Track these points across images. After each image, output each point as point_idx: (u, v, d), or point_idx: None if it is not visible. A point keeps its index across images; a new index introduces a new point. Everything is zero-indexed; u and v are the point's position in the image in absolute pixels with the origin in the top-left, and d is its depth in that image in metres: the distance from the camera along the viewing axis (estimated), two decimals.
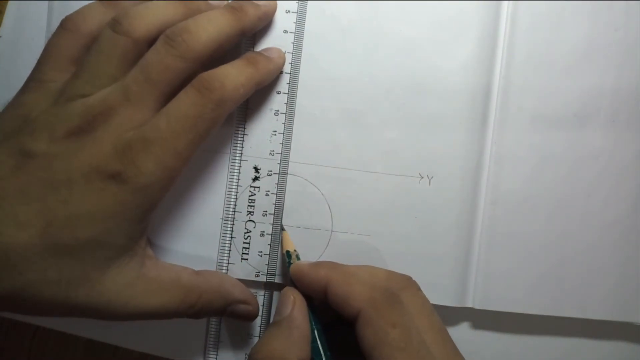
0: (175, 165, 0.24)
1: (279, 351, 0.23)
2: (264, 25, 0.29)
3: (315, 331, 0.25)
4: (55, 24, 0.26)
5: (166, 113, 0.24)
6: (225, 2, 0.28)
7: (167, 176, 0.24)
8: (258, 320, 0.29)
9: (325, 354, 0.25)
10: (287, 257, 0.28)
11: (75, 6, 0.27)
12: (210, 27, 0.25)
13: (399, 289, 0.25)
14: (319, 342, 0.25)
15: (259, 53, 0.28)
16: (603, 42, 0.30)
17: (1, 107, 0.26)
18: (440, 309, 0.28)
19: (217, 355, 0.30)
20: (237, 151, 0.29)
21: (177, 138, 0.23)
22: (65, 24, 0.26)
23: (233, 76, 0.25)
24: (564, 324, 0.31)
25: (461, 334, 0.31)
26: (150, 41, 0.25)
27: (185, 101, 0.24)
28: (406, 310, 0.24)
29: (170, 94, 0.24)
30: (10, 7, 0.30)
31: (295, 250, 0.28)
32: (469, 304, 0.30)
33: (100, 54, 0.24)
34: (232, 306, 0.27)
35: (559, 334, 0.31)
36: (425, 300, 0.25)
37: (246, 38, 0.29)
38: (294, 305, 0.25)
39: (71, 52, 0.25)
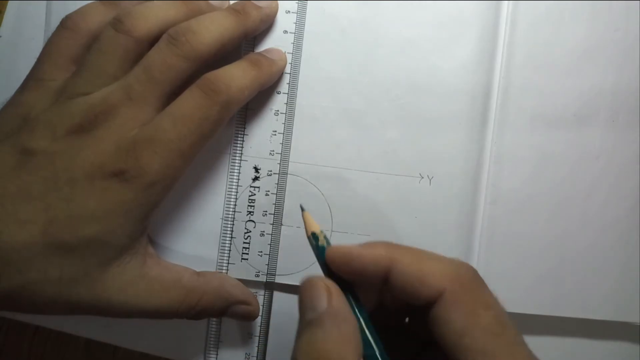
0: (179, 166, 0.24)
1: (335, 353, 0.19)
2: (266, 27, 0.29)
3: (362, 320, 0.20)
4: (54, 23, 0.26)
5: (171, 113, 0.24)
6: (227, 2, 0.28)
7: (171, 176, 0.24)
8: (258, 320, 0.29)
9: (377, 346, 0.20)
10: (314, 240, 0.22)
11: (74, 6, 0.27)
12: (214, 27, 0.25)
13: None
14: (367, 332, 0.20)
15: (262, 55, 0.28)
16: (603, 42, 0.30)
17: (1, 106, 0.26)
18: None
19: (217, 355, 0.30)
20: (237, 151, 0.29)
21: (183, 139, 0.23)
22: (66, 23, 0.26)
23: (238, 78, 0.25)
24: (564, 324, 0.31)
25: None
26: (152, 41, 0.25)
27: (191, 102, 0.24)
28: (496, 297, 0.20)
29: (172, 94, 0.25)
30: (10, 7, 0.30)
31: (322, 232, 0.23)
32: None
33: (101, 53, 0.24)
34: (233, 307, 0.27)
35: (559, 334, 0.31)
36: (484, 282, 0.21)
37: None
38: (331, 295, 0.20)
39: (71, 51, 0.26)
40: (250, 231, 0.29)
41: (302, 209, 0.23)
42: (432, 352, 0.21)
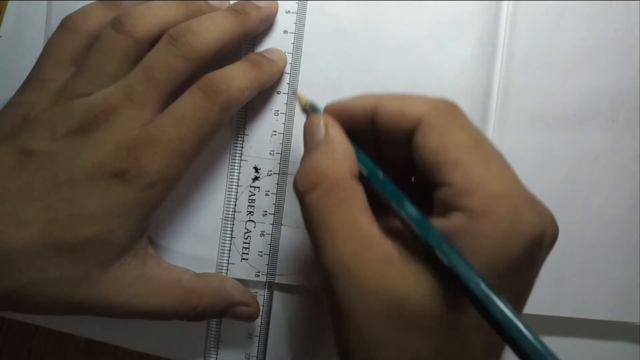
0: (180, 166, 0.24)
1: (326, 168, 0.21)
2: (266, 27, 0.29)
3: (355, 147, 0.22)
4: (54, 23, 0.26)
5: (172, 114, 0.24)
6: (226, 2, 0.28)
7: (172, 176, 0.24)
8: (258, 320, 0.29)
9: (372, 165, 0.22)
10: (311, 108, 0.25)
11: (74, 6, 0.27)
12: (214, 28, 0.25)
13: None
14: (364, 154, 0.22)
15: (262, 55, 0.28)
16: (603, 42, 0.30)
17: (1, 107, 0.26)
18: None
19: (217, 355, 0.30)
20: (237, 151, 0.29)
21: (183, 139, 0.23)
22: (66, 23, 0.26)
23: (238, 79, 0.25)
24: (564, 324, 0.31)
25: None
26: (152, 41, 0.25)
27: (191, 103, 0.24)
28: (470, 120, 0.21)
29: (172, 94, 0.24)
30: (10, 7, 0.30)
31: (313, 102, 0.25)
32: None
33: (101, 53, 0.24)
34: (233, 308, 0.27)
35: (559, 334, 0.31)
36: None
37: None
38: (327, 126, 0.22)
39: (72, 52, 0.26)
40: (250, 231, 0.29)
41: (298, 94, 0.27)
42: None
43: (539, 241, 0.19)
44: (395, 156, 0.24)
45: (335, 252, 0.20)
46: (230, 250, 0.29)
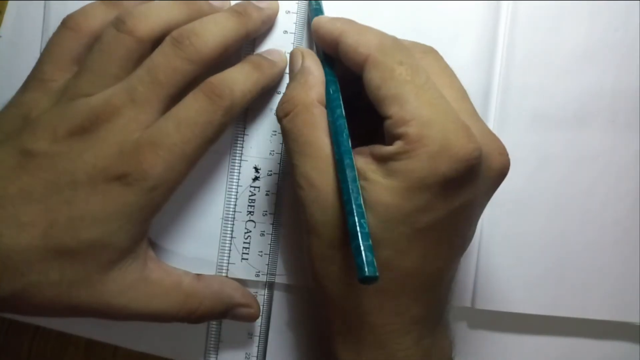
0: (183, 169, 0.24)
1: (298, 96, 0.24)
2: (267, 28, 0.29)
3: (327, 71, 0.25)
4: (52, 23, 0.26)
5: (175, 117, 0.24)
6: (228, 2, 0.28)
7: (174, 180, 0.24)
8: (258, 320, 0.29)
9: (336, 96, 0.24)
10: (311, 6, 0.28)
11: (74, 6, 0.27)
12: (217, 30, 0.25)
13: (419, 51, 0.24)
14: (332, 80, 0.25)
15: (263, 57, 0.28)
16: (603, 42, 0.30)
17: (1, 107, 0.26)
18: None
19: (217, 355, 0.30)
20: (237, 151, 0.29)
21: (187, 143, 0.23)
22: (67, 23, 0.26)
23: (241, 82, 0.25)
24: (564, 324, 0.31)
25: (460, 333, 0.31)
26: (154, 41, 0.25)
27: (195, 106, 0.24)
28: (416, 59, 0.23)
29: (175, 96, 0.24)
30: (10, 7, 0.30)
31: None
32: (468, 303, 0.30)
33: (103, 53, 0.24)
34: (233, 310, 0.27)
35: (559, 334, 0.31)
36: (446, 66, 0.25)
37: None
38: (304, 56, 0.25)
39: (73, 52, 0.25)
40: (250, 231, 0.29)
41: None
42: None
43: (471, 163, 0.21)
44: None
45: (303, 168, 0.23)
46: (230, 250, 0.29)
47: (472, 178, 0.22)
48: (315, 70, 0.25)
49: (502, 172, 0.23)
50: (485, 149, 0.22)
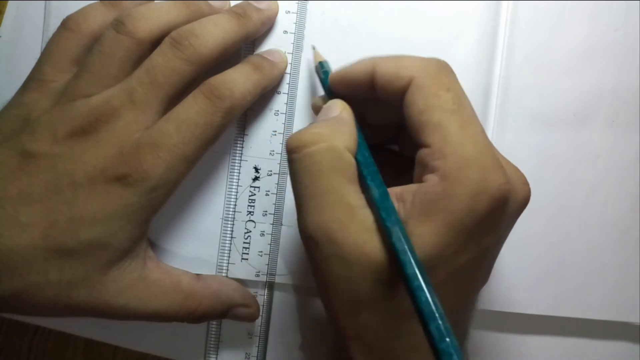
0: (182, 170, 0.24)
1: (326, 135, 0.21)
2: (266, 29, 0.29)
3: (359, 132, 0.23)
4: (53, 23, 0.26)
5: (175, 118, 0.24)
6: (227, 3, 0.28)
7: (174, 180, 0.24)
8: (258, 320, 0.29)
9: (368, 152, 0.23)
10: (321, 67, 0.27)
11: (74, 6, 0.27)
12: (217, 31, 0.25)
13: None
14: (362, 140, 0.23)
15: (264, 57, 0.28)
16: (603, 42, 0.30)
17: (1, 107, 0.26)
18: None
19: (217, 355, 0.30)
20: (237, 151, 0.29)
21: (186, 143, 0.23)
22: (67, 24, 0.26)
23: (241, 83, 0.25)
24: (564, 324, 0.31)
25: None
26: (154, 42, 0.25)
27: (195, 108, 0.24)
28: (461, 85, 0.22)
29: (174, 97, 0.24)
30: (10, 7, 0.30)
31: (327, 62, 0.27)
32: None
33: (102, 54, 0.24)
34: (233, 310, 0.27)
35: (559, 334, 0.31)
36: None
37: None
38: (344, 108, 0.24)
39: (72, 52, 0.25)
40: (250, 231, 0.29)
41: (313, 48, 0.29)
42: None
43: (504, 202, 0.20)
44: (388, 121, 0.25)
45: (320, 218, 0.20)
46: (230, 250, 0.29)
47: (503, 214, 0.21)
48: (350, 123, 0.23)
49: (526, 202, 0.23)
50: (510, 181, 0.21)
